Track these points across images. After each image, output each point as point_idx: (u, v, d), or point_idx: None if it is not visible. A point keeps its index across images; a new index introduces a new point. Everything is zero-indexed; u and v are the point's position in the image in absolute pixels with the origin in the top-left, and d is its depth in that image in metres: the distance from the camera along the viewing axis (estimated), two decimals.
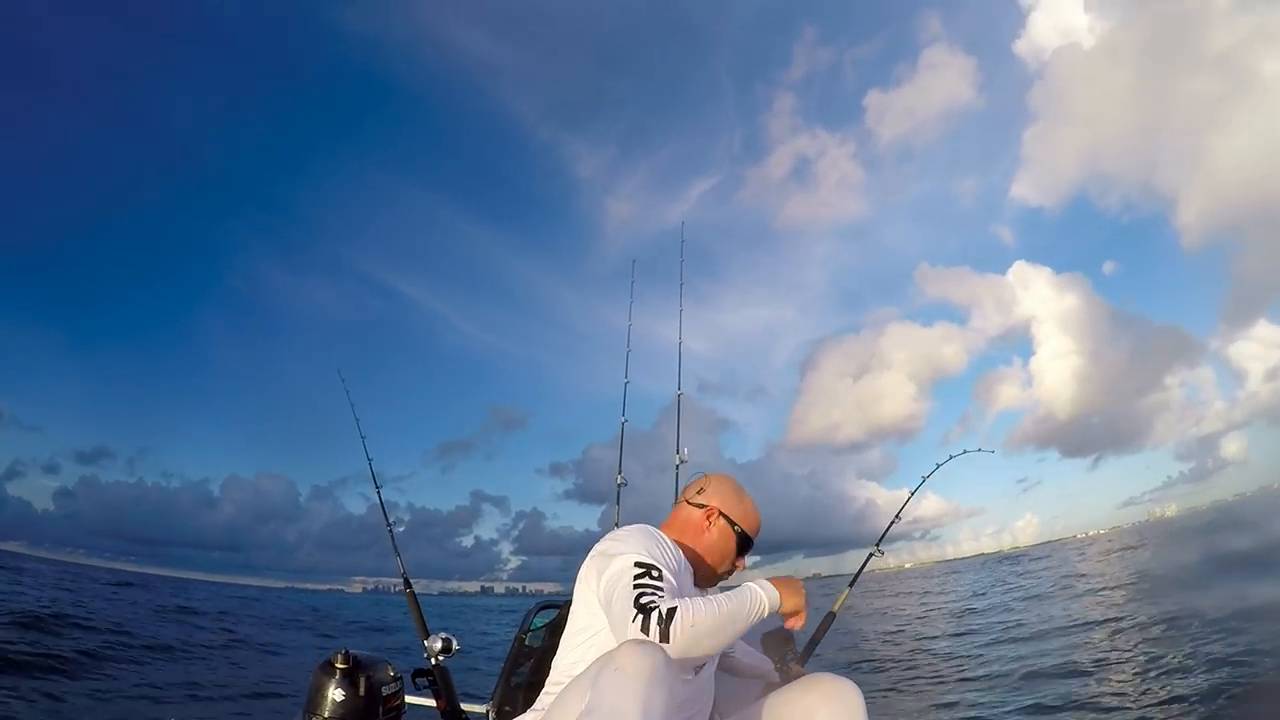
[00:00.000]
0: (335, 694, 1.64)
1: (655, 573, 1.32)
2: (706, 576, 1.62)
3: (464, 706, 1.98)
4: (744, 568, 1.66)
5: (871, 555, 2.57)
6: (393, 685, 1.76)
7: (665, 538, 1.50)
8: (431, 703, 1.98)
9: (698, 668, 1.50)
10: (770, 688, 2.00)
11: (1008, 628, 9.53)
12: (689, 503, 1.65)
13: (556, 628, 2.02)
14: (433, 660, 1.97)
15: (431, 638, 1.99)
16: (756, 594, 1.36)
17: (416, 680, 1.96)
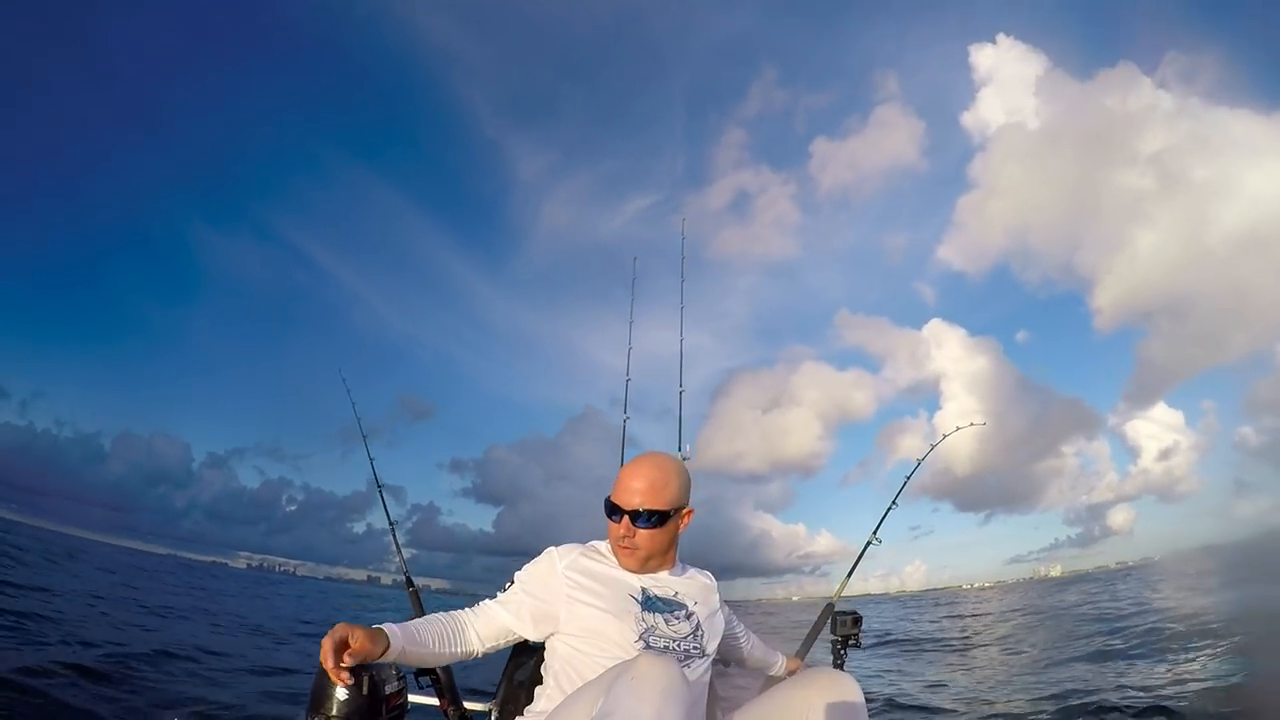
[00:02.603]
0: (339, 693, 1.64)
1: (508, 586, 1.64)
2: (624, 559, 1.64)
3: (467, 705, 1.99)
4: (619, 530, 1.61)
5: (870, 544, 2.59)
6: (396, 684, 1.76)
7: (565, 551, 1.64)
8: (435, 701, 1.99)
9: (683, 658, 1.52)
10: (769, 682, 2.01)
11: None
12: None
13: None
14: None
15: None
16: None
17: (419, 679, 1.96)
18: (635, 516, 1.58)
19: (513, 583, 1.63)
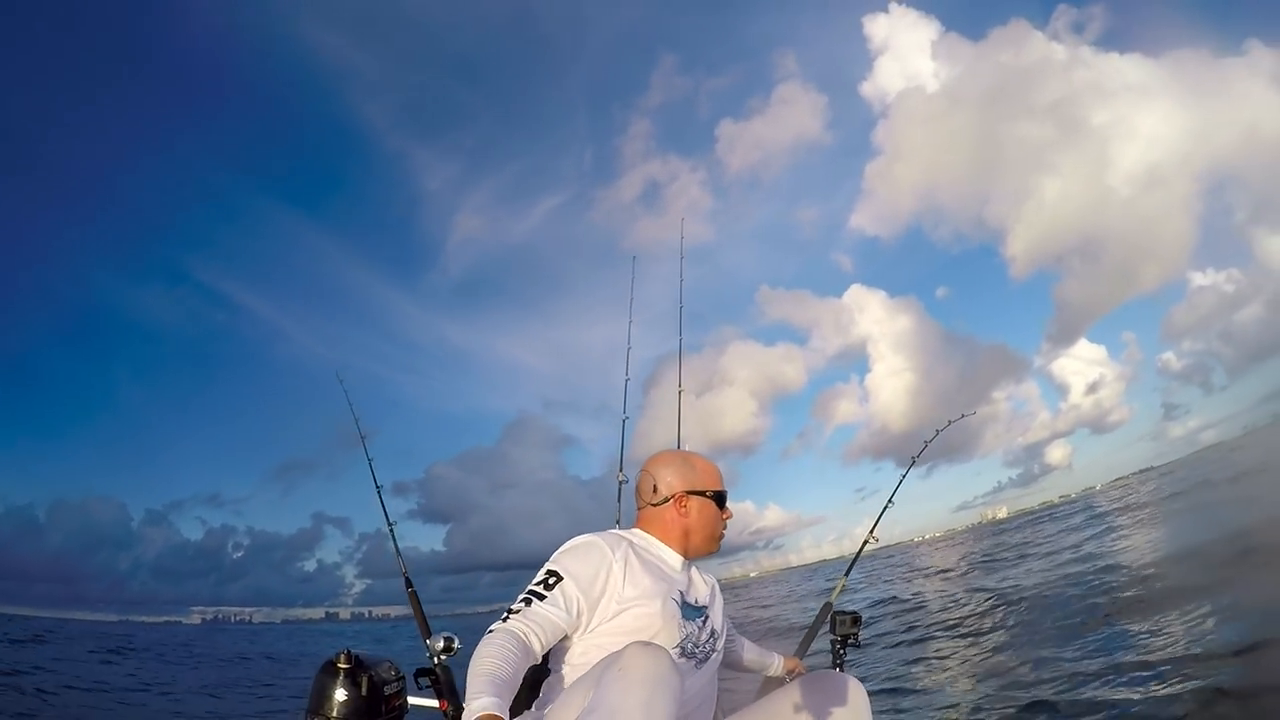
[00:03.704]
0: (338, 694, 1.65)
1: (552, 581, 1.41)
2: (702, 545, 1.64)
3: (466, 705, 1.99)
4: (732, 515, 1.69)
5: (866, 543, 2.59)
6: (395, 685, 1.76)
7: (611, 541, 1.52)
8: (434, 702, 1.98)
9: (700, 662, 1.50)
10: (771, 684, 2.01)
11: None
12: (652, 505, 1.64)
13: None
14: (435, 660, 1.97)
15: (434, 637, 1.99)
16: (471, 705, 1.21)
17: (419, 680, 1.96)
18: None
19: (557, 576, 1.43)
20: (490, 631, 1.34)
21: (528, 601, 1.39)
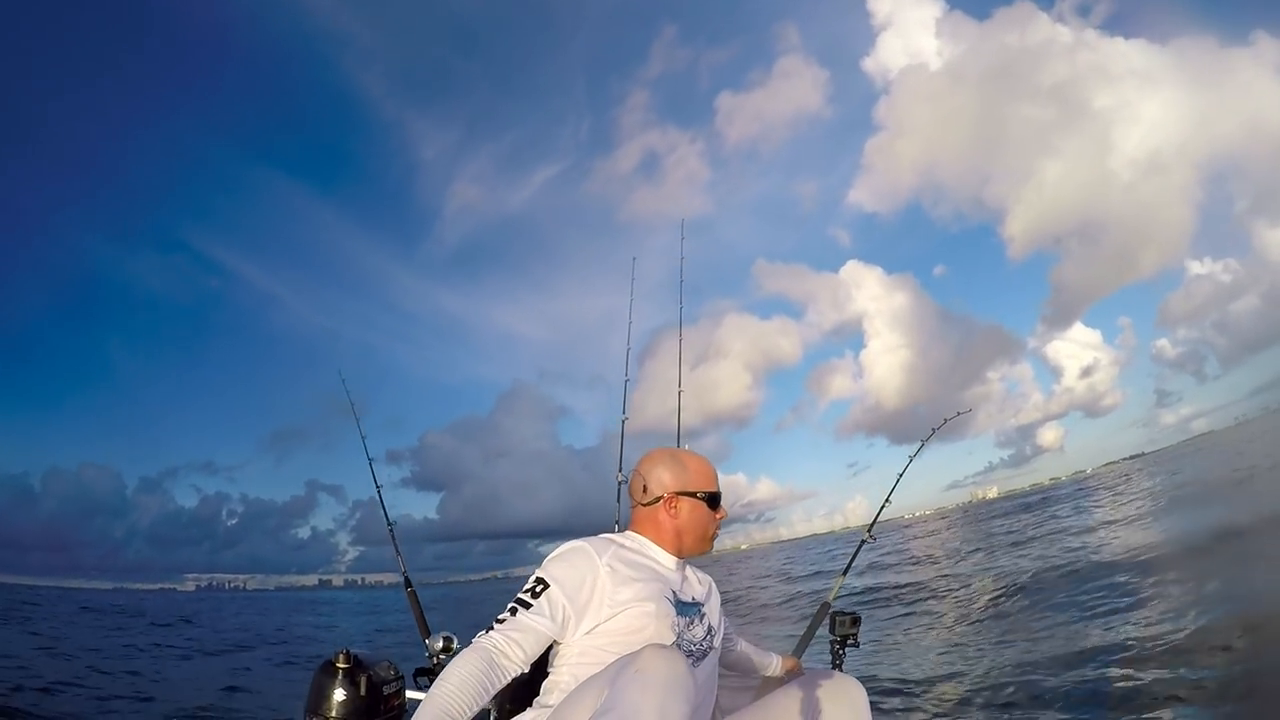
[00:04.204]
0: (337, 693, 1.65)
1: (539, 589, 1.41)
2: (694, 546, 1.63)
3: None
4: (726, 514, 1.67)
5: (864, 543, 2.59)
6: (394, 684, 1.77)
7: (599, 546, 1.51)
8: None
9: (697, 660, 1.51)
10: (770, 684, 2.01)
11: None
12: (643, 505, 1.62)
13: None
14: (434, 659, 1.98)
15: (433, 636, 2.00)
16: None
17: (418, 679, 1.97)
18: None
19: (544, 584, 1.43)
20: (467, 649, 1.36)
21: (514, 611, 1.40)
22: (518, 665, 1.37)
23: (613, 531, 1.62)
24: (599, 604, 1.43)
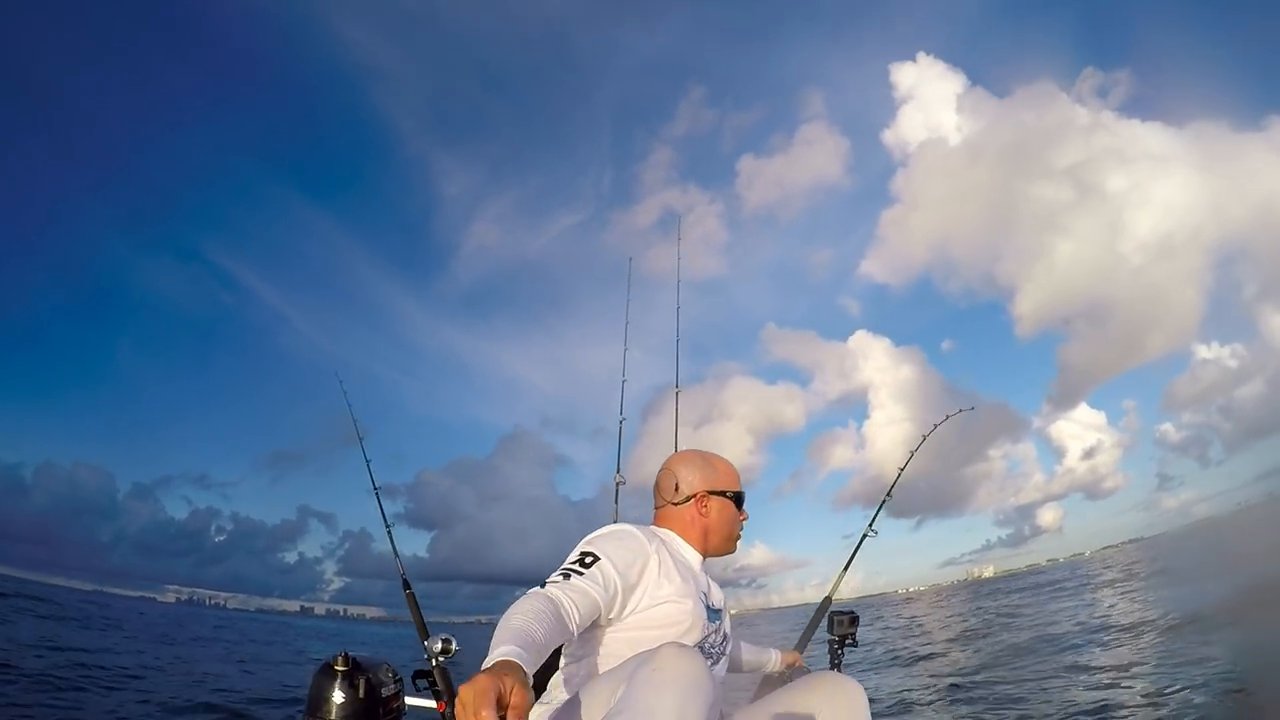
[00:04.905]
0: (336, 696, 1.65)
1: (589, 560, 1.34)
2: (720, 545, 1.65)
3: None
4: (748, 517, 1.71)
5: (865, 537, 2.60)
6: (393, 687, 1.77)
7: (645, 535, 1.49)
8: (432, 704, 1.98)
9: (713, 664, 1.51)
10: (770, 684, 2.01)
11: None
12: (673, 504, 1.63)
13: None
14: (433, 661, 1.97)
15: (431, 639, 1.99)
16: (493, 650, 1.08)
17: (417, 682, 1.96)
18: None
19: (594, 556, 1.35)
20: (525, 594, 1.24)
21: (566, 576, 1.31)
22: (575, 626, 1.25)
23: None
24: (642, 591, 1.40)
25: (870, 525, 2.59)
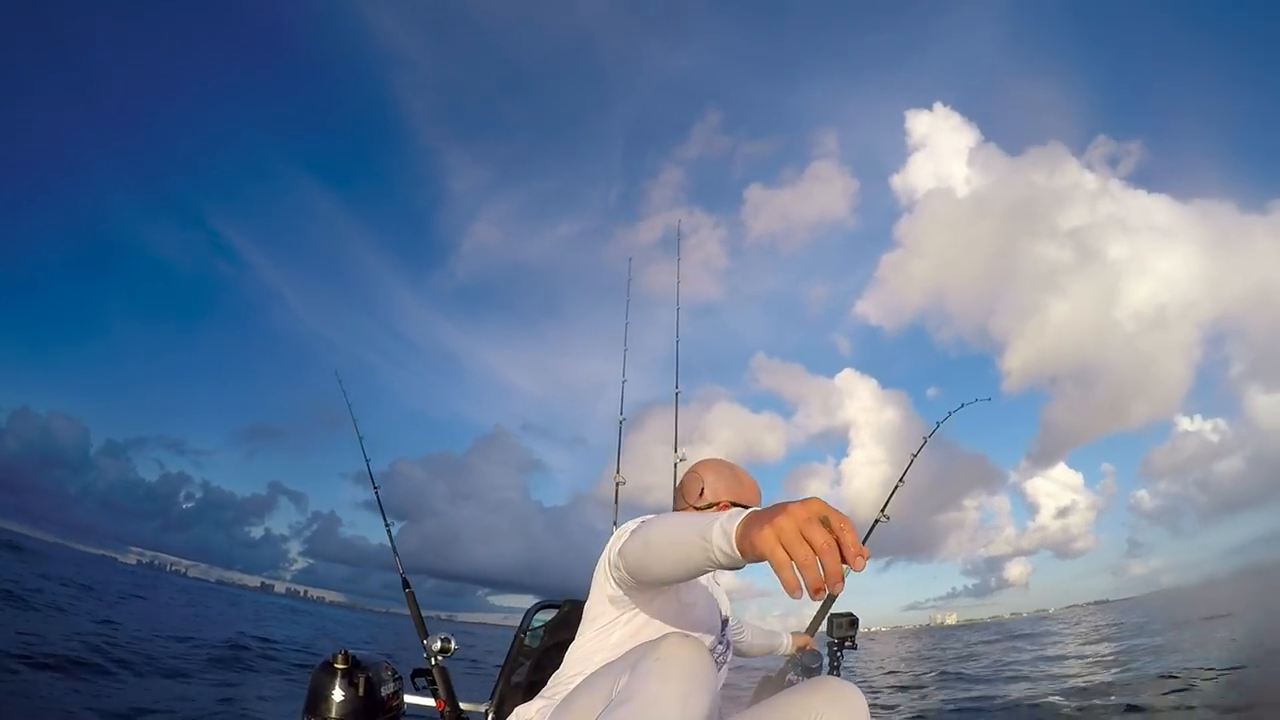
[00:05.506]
0: (335, 694, 1.64)
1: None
2: None
3: (463, 705, 1.99)
4: None
5: (878, 522, 2.60)
6: (392, 685, 1.76)
7: None
8: (431, 702, 1.98)
9: (718, 664, 1.51)
10: (768, 687, 2.02)
11: None
12: (696, 508, 1.63)
13: (555, 627, 2.02)
14: (432, 660, 1.97)
15: (430, 638, 1.99)
16: (707, 532, 0.98)
17: (416, 680, 1.96)
18: None
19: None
20: (647, 519, 1.20)
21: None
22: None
23: (612, 529, 1.62)
24: (673, 587, 1.36)
25: (882, 511, 2.59)
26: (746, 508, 1.62)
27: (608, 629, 1.39)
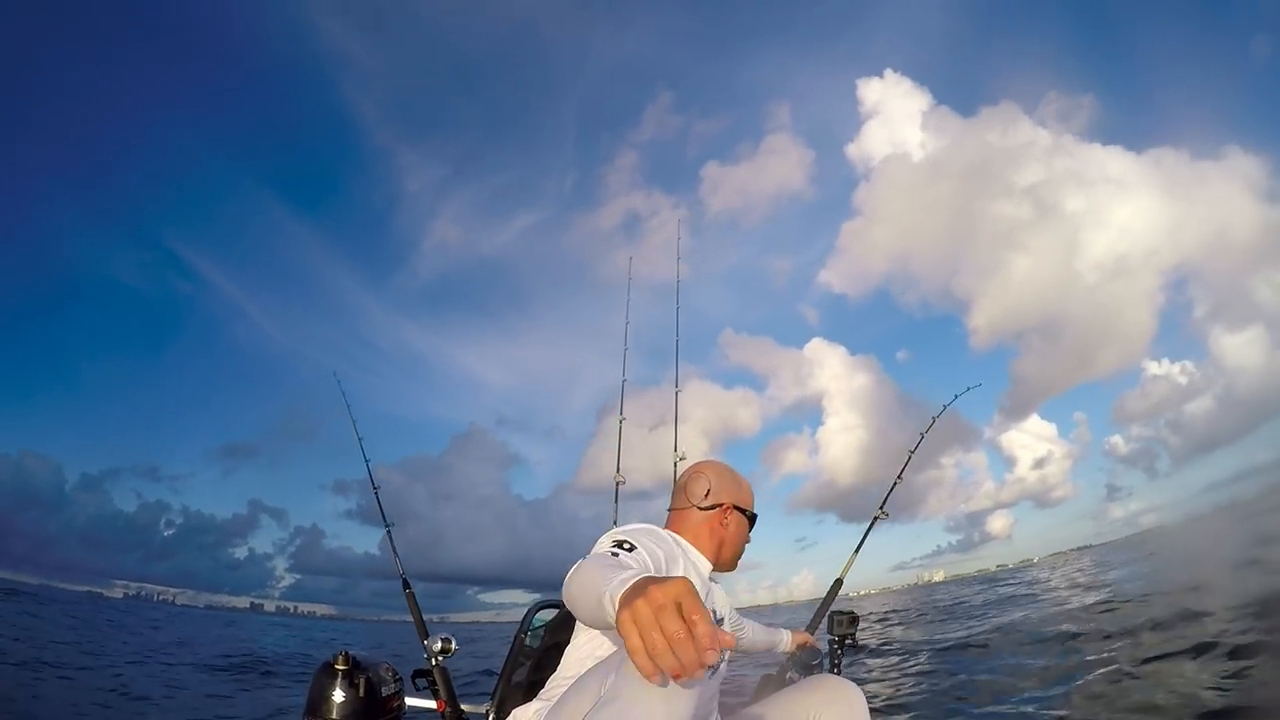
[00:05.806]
0: (336, 695, 1.65)
1: (628, 546, 1.29)
2: (728, 562, 1.66)
3: (464, 706, 1.99)
4: (750, 540, 1.72)
5: (877, 519, 2.61)
6: (392, 686, 1.77)
7: (668, 536, 1.49)
8: (431, 703, 1.99)
9: (714, 667, 1.50)
10: (768, 686, 2.02)
11: None
12: (699, 509, 1.63)
13: (555, 627, 2.03)
14: (432, 661, 1.98)
15: (431, 638, 2.00)
16: (603, 596, 0.98)
17: (416, 681, 1.96)
18: None
19: (630, 545, 1.29)
20: (582, 562, 1.18)
21: (613, 554, 1.23)
22: None
23: (611, 528, 1.62)
24: None
25: (881, 507, 2.60)
26: (745, 512, 1.66)
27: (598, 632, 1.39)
